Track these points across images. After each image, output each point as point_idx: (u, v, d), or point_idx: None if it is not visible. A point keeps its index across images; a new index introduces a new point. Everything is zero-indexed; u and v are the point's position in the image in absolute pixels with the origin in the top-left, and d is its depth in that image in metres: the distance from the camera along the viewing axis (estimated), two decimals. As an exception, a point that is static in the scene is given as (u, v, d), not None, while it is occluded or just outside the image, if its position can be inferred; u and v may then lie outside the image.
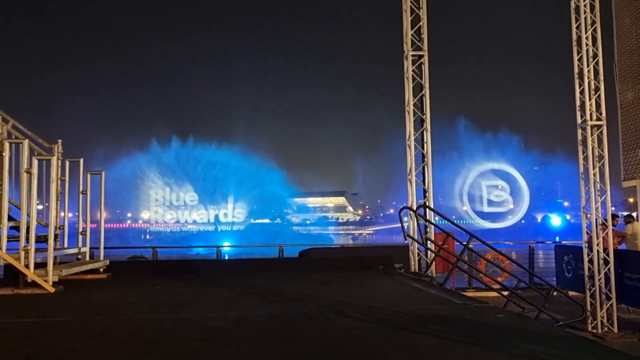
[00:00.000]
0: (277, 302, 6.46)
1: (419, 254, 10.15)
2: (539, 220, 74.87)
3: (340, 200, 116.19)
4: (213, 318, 5.42)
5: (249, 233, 61.52)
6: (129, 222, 75.22)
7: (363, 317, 5.22)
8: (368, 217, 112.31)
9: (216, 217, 69.50)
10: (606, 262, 9.80)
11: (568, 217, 71.09)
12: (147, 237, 67.73)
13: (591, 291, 9.80)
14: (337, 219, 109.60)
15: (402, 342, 4.21)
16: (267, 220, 77.15)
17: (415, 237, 9.57)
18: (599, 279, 9.71)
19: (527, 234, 58.39)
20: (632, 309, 10.75)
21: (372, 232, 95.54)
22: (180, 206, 69.45)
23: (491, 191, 68.59)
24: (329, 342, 4.35)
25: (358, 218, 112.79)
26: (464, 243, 8.69)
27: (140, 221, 73.02)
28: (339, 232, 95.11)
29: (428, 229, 9.98)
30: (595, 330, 9.60)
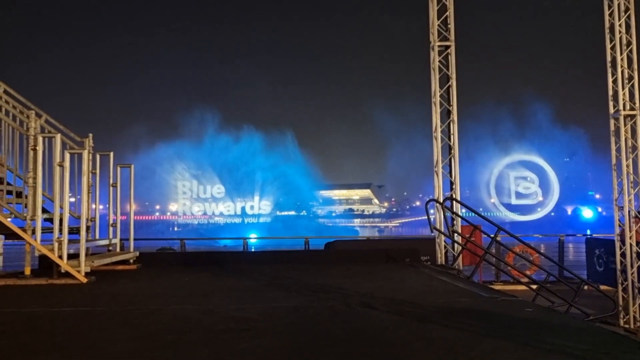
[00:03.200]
0: (302, 293, 6.49)
1: (445, 247, 10.06)
2: (570, 212, 73.37)
3: (366, 192, 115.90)
4: (239, 309, 5.48)
5: (275, 225, 61.91)
6: (157, 214, 76.51)
7: (389, 310, 5.21)
8: (394, 210, 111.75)
9: (242, 209, 70.16)
10: (639, 256, 9.57)
11: (600, 209, 69.48)
12: (176, 229, 68.81)
13: (623, 285, 9.59)
14: (363, 211, 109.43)
15: (429, 335, 4.19)
16: (292, 213, 77.47)
17: (442, 230, 9.48)
18: (632, 273, 9.49)
19: (557, 226, 57.25)
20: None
21: (398, 224, 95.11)
22: (207, 199, 70.29)
23: (519, 183, 67.41)
24: (355, 335, 4.35)
25: (384, 210, 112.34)
26: (492, 236, 8.58)
27: (169, 213, 74.20)
28: (365, 224, 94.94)
29: (455, 222, 9.87)
30: (627, 325, 9.40)
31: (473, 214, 10.42)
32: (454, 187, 10.18)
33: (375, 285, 7.03)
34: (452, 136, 10.19)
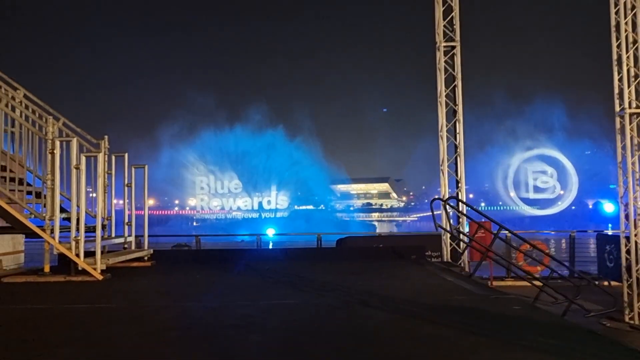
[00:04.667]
0: (306, 291, 6.77)
1: (451, 244, 10.24)
2: (590, 206, 72.40)
3: (384, 186, 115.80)
4: (243, 306, 5.78)
5: (293, 219, 62.30)
6: (176, 209, 77.60)
7: (385, 308, 5.46)
8: (412, 204, 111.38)
9: (260, 204, 70.74)
10: None
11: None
12: (194, 223, 69.73)
13: (629, 282, 9.66)
14: (381, 205, 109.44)
15: (418, 332, 4.43)
16: (310, 207, 77.78)
17: (447, 228, 9.67)
18: (637, 270, 9.55)
19: (577, 220, 56.61)
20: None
21: (416, 218, 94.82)
22: (225, 194, 71.03)
23: (537, 177, 66.76)
24: (349, 332, 4.61)
25: (402, 204, 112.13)
26: (494, 232, 8.74)
27: (187, 208, 75.18)
28: (383, 218, 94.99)
29: (460, 220, 10.05)
30: (632, 322, 9.48)
31: (486, 210, 10.56)
32: (459, 185, 10.35)
33: (378, 283, 7.27)
34: (457, 135, 10.35)
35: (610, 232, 15.45)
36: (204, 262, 10.04)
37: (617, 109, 10.08)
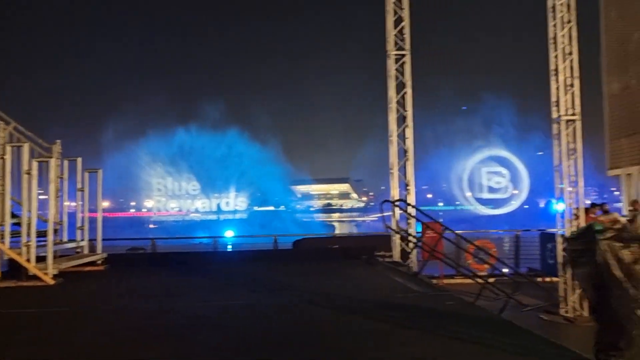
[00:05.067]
0: (258, 292, 7.00)
1: (401, 244, 10.66)
2: (542, 205, 75.10)
3: (344, 187, 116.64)
4: (198, 307, 5.99)
5: (252, 221, 62.08)
6: (132, 210, 76.06)
7: (331, 306, 5.78)
8: (372, 204, 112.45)
9: (218, 205, 70.13)
10: None
11: (588, 201, 70.99)
12: (151, 225, 68.52)
13: (564, 278, 10.31)
14: (341, 206, 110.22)
15: (356, 328, 4.78)
16: (271, 208, 77.63)
17: (395, 228, 10.10)
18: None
19: (529, 219, 58.64)
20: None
21: (375, 218, 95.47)
22: (183, 195, 70.13)
23: (491, 177, 68.94)
24: (296, 331, 4.90)
25: (362, 205, 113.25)
26: (439, 232, 9.19)
27: (144, 209, 73.81)
28: (343, 219, 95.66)
29: (409, 221, 10.50)
30: (567, 314, 10.11)
31: (440, 211, 11.03)
32: (408, 188, 10.80)
33: (328, 283, 7.58)
34: (406, 140, 10.79)
35: (552, 230, 16.26)
36: (160, 265, 10.13)
37: (554, 115, 10.73)
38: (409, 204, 10.31)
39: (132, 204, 77.20)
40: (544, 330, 8.54)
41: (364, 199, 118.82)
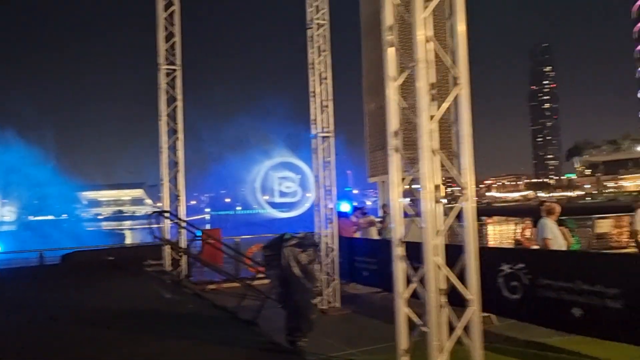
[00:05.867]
0: (7, 310, 6.71)
1: (170, 253, 11.01)
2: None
3: (138, 192, 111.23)
4: None
5: (23, 233, 55.33)
6: None
7: (78, 319, 5.95)
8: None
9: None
10: (343, 249, 11.82)
11: (355, 203, 78.88)
12: None
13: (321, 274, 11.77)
14: (134, 212, 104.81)
15: (95, 337, 5.08)
16: (51, 217, 70.27)
17: (165, 238, 10.43)
18: (326, 264, 11.72)
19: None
20: (359, 286, 13.08)
21: (170, 224, 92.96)
22: None
23: (282, 182, 73.11)
24: (41, 345, 4.96)
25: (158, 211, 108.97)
26: (189, 240, 9.76)
27: None
28: (135, 226, 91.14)
29: (180, 230, 10.91)
30: (322, 307, 11.54)
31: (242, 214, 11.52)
32: (179, 198, 11.21)
33: (82, 297, 7.61)
34: (177, 152, 11.18)
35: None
36: None
37: (313, 132, 12.19)
38: (175, 215, 10.73)
39: None
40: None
41: (160, 205, 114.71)
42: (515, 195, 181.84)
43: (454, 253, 3.81)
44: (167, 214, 10.49)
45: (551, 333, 7.42)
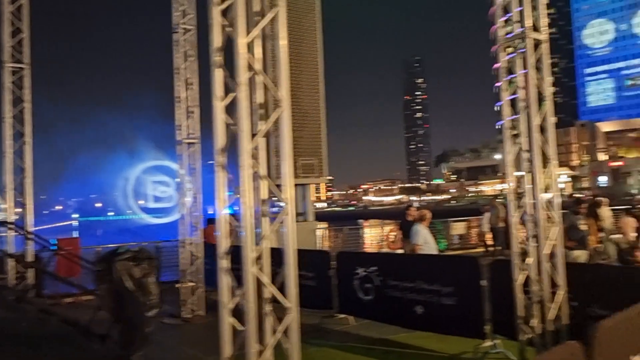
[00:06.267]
0: None
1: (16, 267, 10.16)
2: (210, 212, 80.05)
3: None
4: None
5: None
6: None
7: None
8: (29, 217, 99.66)
9: None
10: (210, 255, 11.65)
11: (237, 208, 77.97)
12: None
13: (182, 283, 11.53)
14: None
15: None
16: None
17: (7, 251, 9.63)
18: (191, 272, 11.52)
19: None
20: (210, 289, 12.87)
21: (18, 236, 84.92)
22: None
23: (156, 187, 70.22)
24: None
25: (18, 217, 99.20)
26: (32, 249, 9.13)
27: None
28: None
29: (27, 242, 10.12)
30: (186, 316, 11.31)
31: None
32: (26, 207, 10.40)
33: None
34: (25, 157, 10.35)
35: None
36: None
37: (178, 138, 11.94)
38: (16, 225, 9.96)
39: None
40: (162, 332, 9.36)
41: (20, 210, 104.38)
42: (390, 199, 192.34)
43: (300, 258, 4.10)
44: (10, 225, 9.66)
45: (399, 330, 8.01)
